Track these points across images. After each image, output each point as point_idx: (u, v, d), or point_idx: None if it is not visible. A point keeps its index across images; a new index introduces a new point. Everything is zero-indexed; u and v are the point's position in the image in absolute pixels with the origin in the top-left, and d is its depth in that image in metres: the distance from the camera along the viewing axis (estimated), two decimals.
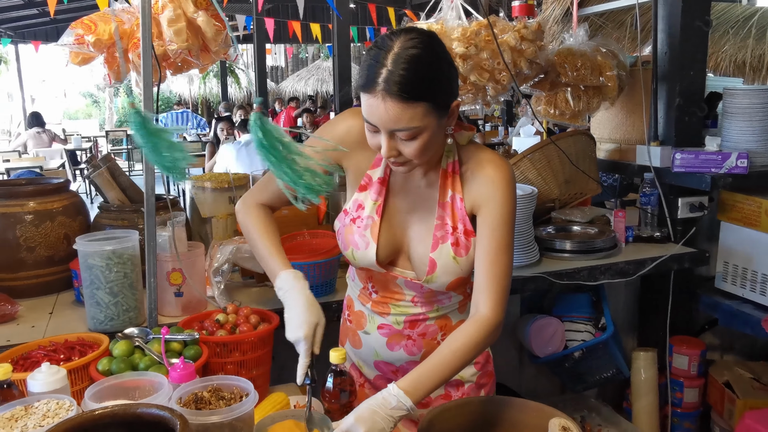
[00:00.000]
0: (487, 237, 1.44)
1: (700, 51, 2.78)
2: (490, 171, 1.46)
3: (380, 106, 1.27)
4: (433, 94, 1.29)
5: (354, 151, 1.52)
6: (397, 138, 1.32)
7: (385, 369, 1.68)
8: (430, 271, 1.49)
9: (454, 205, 1.49)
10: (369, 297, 1.64)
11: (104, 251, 1.78)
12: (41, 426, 1.20)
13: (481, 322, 1.41)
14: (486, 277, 1.43)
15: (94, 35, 2.21)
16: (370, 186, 1.54)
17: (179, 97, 19.93)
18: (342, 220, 1.58)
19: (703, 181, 2.62)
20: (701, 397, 2.81)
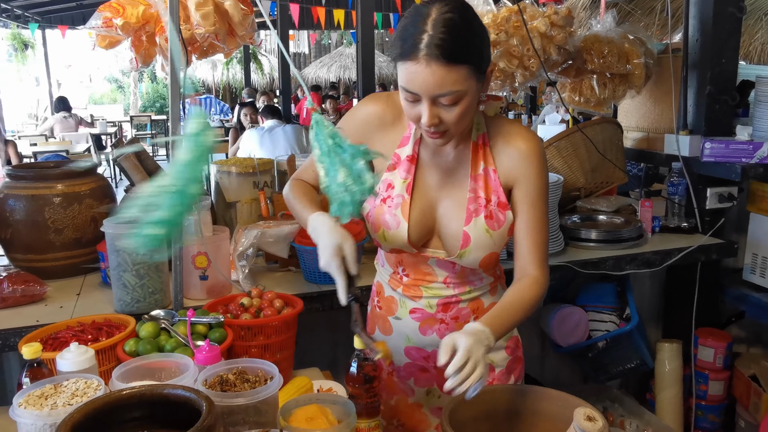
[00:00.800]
0: (527, 211, 1.48)
1: (732, 38, 2.71)
2: (522, 145, 1.48)
3: (424, 71, 1.27)
4: (473, 57, 1.30)
5: (378, 135, 1.53)
6: (439, 104, 1.32)
7: (416, 355, 1.67)
8: (463, 245, 1.48)
9: (488, 177, 1.49)
10: (400, 281, 1.63)
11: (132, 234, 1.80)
12: (70, 404, 1.22)
13: (533, 280, 1.47)
14: (530, 245, 1.48)
15: (123, 18, 2.22)
16: (398, 164, 1.53)
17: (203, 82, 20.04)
18: (371, 202, 1.55)
19: (732, 171, 2.57)
20: (726, 390, 2.78)
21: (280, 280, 2.17)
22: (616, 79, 2.84)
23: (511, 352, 1.71)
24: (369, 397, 1.40)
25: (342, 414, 1.34)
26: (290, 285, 2.10)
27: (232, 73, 19.83)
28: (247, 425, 1.26)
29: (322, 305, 2.05)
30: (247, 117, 6.93)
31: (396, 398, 1.74)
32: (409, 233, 1.50)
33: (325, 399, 1.38)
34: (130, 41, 2.33)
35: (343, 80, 19.87)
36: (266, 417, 1.29)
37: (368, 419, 1.40)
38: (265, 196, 2.32)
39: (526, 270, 1.49)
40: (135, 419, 1.19)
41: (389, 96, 1.55)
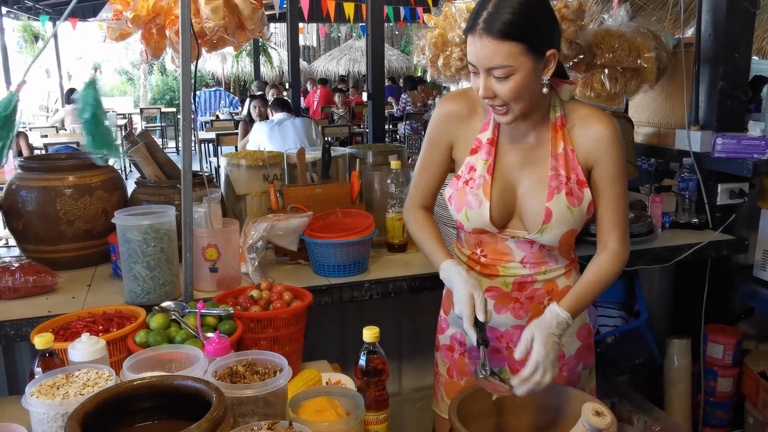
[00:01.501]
0: (608, 189, 1.58)
1: (746, 33, 2.69)
2: (600, 128, 1.56)
3: (477, 43, 1.41)
4: (527, 36, 1.40)
5: (458, 128, 1.66)
6: (493, 78, 1.43)
7: (489, 335, 1.69)
8: (545, 221, 1.55)
9: (567, 156, 1.57)
10: (478, 261, 1.70)
11: (142, 226, 1.81)
12: (81, 394, 1.23)
13: (614, 254, 1.60)
14: (612, 219, 1.59)
15: (133, 11, 2.22)
16: (480, 148, 1.62)
17: (212, 75, 20.07)
18: (454, 185, 1.65)
19: (744, 167, 2.56)
20: (735, 386, 2.77)
21: (290, 272, 2.18)
22: (627, 73, 2.82)
23: (582, 339, 1.76)
24: (377, 389, 1.41)
25: (350, 407, 1.34)
26: (299, 278, 2.11)
27: (241, 66, 19.86)
28: (256, 417, 1.27)
29: (331, 298, 2.06)
30: (257, 110, 6.94)
31: (465, 379, 1.78)
32: (491, 212, 1.59)
33: (334, 392, 1.39)
34: (140, 34, 2.33)
35: (353, 73, 19.85)
36: (275, 409, 1.30)
37: (376, 412, 1.41)
38: (274, 189, 2.33)
39: (608, 244, 1.61)
40: (145, 409, 1.20)
41: (463, 92, 1.69)
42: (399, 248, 2.37)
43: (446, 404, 1.82)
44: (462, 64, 2.38)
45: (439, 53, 2.46)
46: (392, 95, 13.05)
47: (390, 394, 1.45)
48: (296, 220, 2.12)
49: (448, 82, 2.64)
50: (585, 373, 1.79)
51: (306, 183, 2.40)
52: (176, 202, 2.11)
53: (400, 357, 2.52)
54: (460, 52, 2.37)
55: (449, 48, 2.41)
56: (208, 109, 12.64)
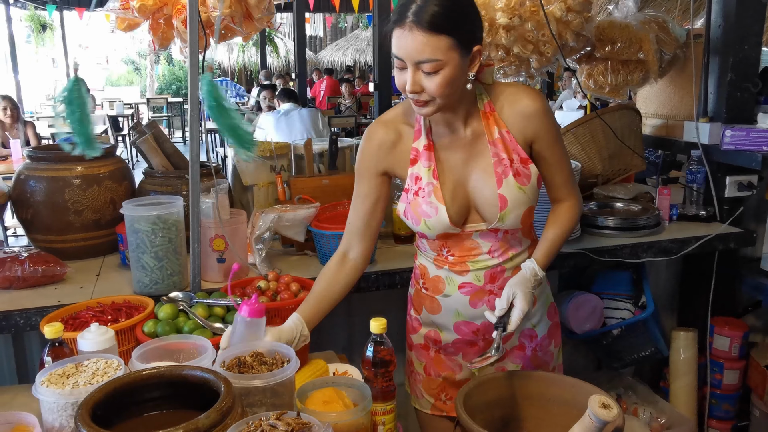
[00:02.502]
0: (550, 155, 1.61)
1: (756, 24, 2.67)
2: (528, 102, 1.57)
3: (407, 36, 1.38)
4: (456, 31, 1.39)
5: (391, 155, 1.64)
6: (421, 72, 1.41)
7: (466, 330, 1.72)
8: (502, 207, 1.56)
9: (504, 139, 1.57)
10: (445, 260, 1.68)
11: (150, 216, 1.82)
12: (91, 383, 1.24)
13: (570, 205, 1.68)
14: (558, 179, 1.66)
15: (139, 1, 2.22)
16: (419, 157, 1.61)
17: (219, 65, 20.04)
18: (405, 200, 1.64)
19: (753, 160, 2.54)
20: (741, 379, 2.77)
21: (297, 263, 2.18)
22: (630, 65, 2.80)
23: (551, 317, 1.79)
24: (384, 380, 1.41)
25: (358, 397, 1.35)
26: (306, 269, 2.12)
27: (248, 56, 19.81)
28: (264, 407, 1.28)
29: None
30: (266, 99, 6.91)
31: (444, 375, 1.79)
32: (449, 214, 1.58)
33: (342, 382, 1.39)
34: (148, 24, 2.34)
35: (359, 64, 19.79)
36: (283, 399, 1.30)
37: (384, 402, 1.41)
38: (281, 180, 2.33)
39: (561, 199, 1.69)
40: (154, 399, 1.21)
41: (382, 120, 1.68)
42: (405, 239, 2.37)
43: (427, 400, 1.84)
44: None
45: None
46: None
47: (397, 384, 1.46)
48: (303, 210, 2.12)
49: None
50: (555, 351, 1.83)
51: (313, 174, 2.40)
52: (184, 193, 2.12)
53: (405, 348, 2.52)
54: None
55: None
56: None
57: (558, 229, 1.66)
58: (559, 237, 1.65)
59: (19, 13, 13.11)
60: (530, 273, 1.58)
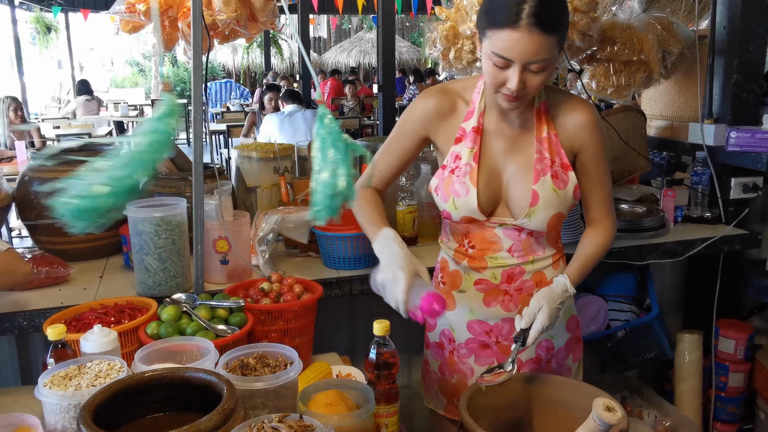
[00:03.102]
0: (594, 171, 1.62)
1: (761, 25, 2.66)
2: (582, 115, 1.59)
3: (524, 39, 1.36)
4: (563, 27, 1.43)
5: (438, 124, 1.65)
6: (528, 71, 1.42)
7: (479, 329, 1.72)
8: (532, 203, 1.57)
9: (551, 140, 1.59)
10: (465, 254, 1.69)
11: (153, 218, 1.82)
12: (94, 385, 1.24)
13: (606, 227, 1.67)
14: (598, 198, 1.66)
15: (146, 3, 2.22)
16: (465, 137, 1.62)
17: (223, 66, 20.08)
18: (440, 176, 1.65)
19: (758, 161, 2.53)
20: (747, 381, 2.75)
21: (300, 265, 2.18)
22: (633, 65, 2.79)
23: (571, 330, 1.76)
24: (387, 383, 1.41)
25: (361, 399, 1.35)
26: (310, 270, 2.11)
27: (252, 58, 19.85)
28: (267, 409, 1.27)
29: (342, 291, 2.06)
30: (272, 102, 6.91)
31: (456, 377, 1.79)
32: (479, 199, 1.59)
33: (345, 385, 1.39)
34: (152, 26, 2.34)
35: (363, 65, 19.81)
36: (286, 401, 1.30)
37: (387, 405, 1.41)
38: (285, 181, 2.33)
39: (596, 220, 1.68)
40: (157, 401, 1.21)
41: (442, 87, 1.68)
42: (409, 241, 2.36)
43: (440, 401, 1.84)
44: (473, 57, 2.37)
45: (451, 46, 2.44)
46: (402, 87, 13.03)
47: (400, 387, 1.45)
48: (307, 212, 2.11)
49: (460, 75, 2.63)
50: (574, 366, 1.80)
51: None
52: (187, 194, 2.12)
53: (409, 350, 2.51)
54: (471, 45, 2.36)
55: (461, 40, 2.39)
56: (218, 100, 12.68)
57: (593, 248, 1.65)
58: (593, 255, 1.64)
59: (24, 15, 13.16)
60: (560, 288, 1.56)
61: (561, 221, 1.63)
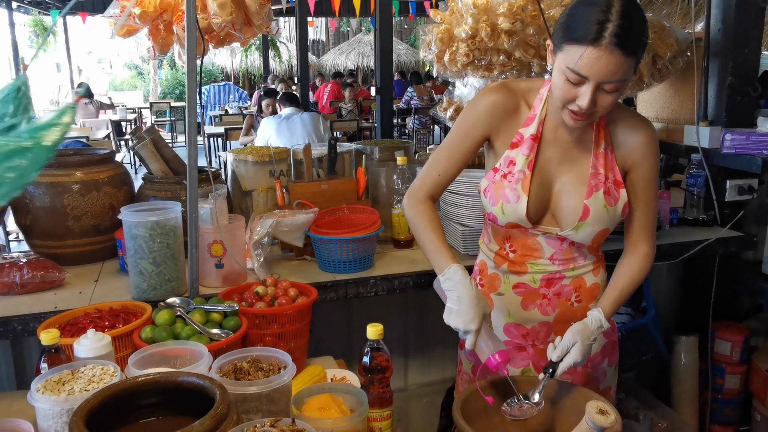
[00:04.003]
0: (643, 190, 1.61)
1: (756, 28, 2.66)
2: (641, 132, 1.58)
3: (605, 58, 1.34)
4: (643, 48, 1.39)
5: (501, 121, 1.62)
6: (601, 90, 1.40)
7: (515, 332, 1.72)
8: (582, 218, 1.56)
9: (606, 155, 1.58)
10: (505, 257, 1.69)
11: (148, 222, 1.82)
12: (87, 390, 1.24)
13: (645, 255, 1.63)
14: (644, 221, 1.63)
15: (140, 7, 2.23)
16: (522, 143, 1.60)
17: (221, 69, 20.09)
18: (491, 178, 1.63)
19: (753, 163, 2.54)
20: (743, 383, 2.76)
21: (295, 268, 2.18)
22: None
23: (608, 335, 1.75)
24: (381, 386, 1.41)
25: (354, 403, 1.35)
26: (305, 274, 2.11)
27: (250, 60, 19.86)
28: (260, 413, 1.28)
29: (337, 294, 2.06)
30: (269, 107, 6.90)
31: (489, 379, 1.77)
32: (528, 207, 1.57)
33: (338, 388, 1.39)
34: (147, 30, 2.34)
35: (362, 68, 19.83)
36: (279, 405, 1.30)
37: (380, 408, 1.41)
38: (281, 185, 2.33)
39: (638, 244, 1.64)
40: (150, 405, 1.21)
41: (506, 85, 1.64)
42: (405, 244, 2.37)
43: None
44: (468, 60, 2.37)
45: (446, 48, 2.45)
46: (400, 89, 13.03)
47: (396, 389, 1.46)
48: (302, 216, 2.12)
49: (454, 78, 2.63)
50: (610, 370, 1.79)
51: (312, 179, 2.40)
52: (183, 198, 2.12)
53: (406, 353, 2.52)
54: (466, 48, 2.36)
55: (455, 43, 2.40)
56: (217, 103, 12.68)
57: (629, 278, 1.62)
58: (629, 286, 1.61)
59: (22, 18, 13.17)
60: (595, 324, 1.52)
61: (606, 236, 1.62)
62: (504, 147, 1.62)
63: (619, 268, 1.64)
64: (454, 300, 1.47)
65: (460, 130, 1.64)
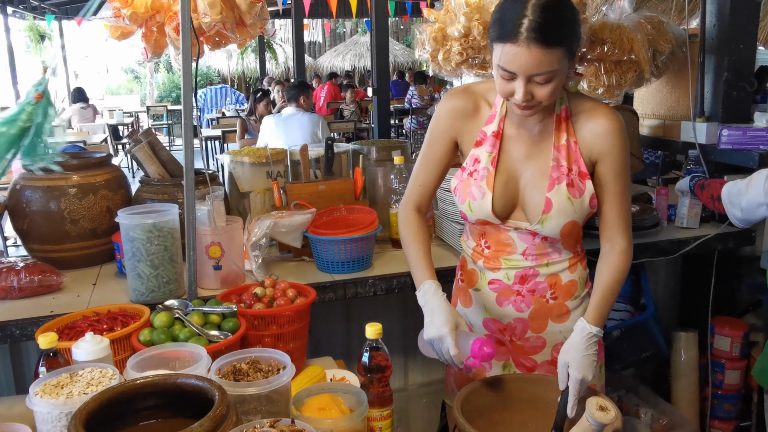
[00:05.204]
0: (612, 183, 1.59)
1: (751, 23, 2.67)
2: (605, 122, 1.56)
3: (524, 53, 1.37)
4: (568, 39, 1.41)
5: (463, 123, 1.66)
6: (533, 82, 1.42)
7: (493, 327, 1.74)
8: (545, 211, 1.56)
9: (569, 147, 1.58)
10: (481, 253, 1.71)
11: (145, 224, 1.81)
12: (85, 393, 1.23)
13: (623, 252, 1.62)
14: (617, 214, 1.61)
15: (130, 8, 2.21)
16: (485, 140, 1.63)
17: (218, 72, 20.08)
18: (459, 177, 1.67)
19: (750, 159, 2.54)
20: (743, 379, 2.76)
21: (294, 269, 2.18)
22: (623, 65, 2.79)
23: None
24: (380, 386, 1.41)
25: (354, 403, 1.34)
26: (303, 275, 2.11)
27: (246, 63, 19.85)
28: (260, 414, 1.27)
29: (336, 295, 2.06)
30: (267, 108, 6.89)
31: (474, 371, 1.78)
32: (494, 203, 1.60)
33: (337, 388, 1.39)
34: (141, 32, 2.33)
35: (358, 69, 19.82)
36: (278, 406, 1.30)
37: (380, 408, 1.40)
38: (278, 186, 2.33)
39: (614, 239, 1.62)
40: (149, 408, 1.21)
41: (466, 88, 1.69)
42: None
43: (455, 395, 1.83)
44: (462, 59, 2.37)
45: (440, 48, 2.44)
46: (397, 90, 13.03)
47: (396, 389, 1.46)
48: (300, 216, 2.12)
49: (449, 77, 2.63)
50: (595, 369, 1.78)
51: (309, 179, 2.40)
52: (180, 201, 2.11)
53: (405, 353, 2.51)
54: (459, 47, 2.36)
55: (449, 42, 2.40)
56: (214, 106, 12.66)
57: (610, 279, 1.60)
58: (611, 288, 1.60)
59: (17, 24, 13.15)
60: (581, 336, 1.52)
61: (576, 229, 1.62)
62: (470, 146, 1.66)
63: (600, 268, 1.63)
64: (428, 313, 1.56)
65: (429, 139, 1.71)
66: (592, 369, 1.49)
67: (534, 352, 1.72)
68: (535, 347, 1.72)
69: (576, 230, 1.63)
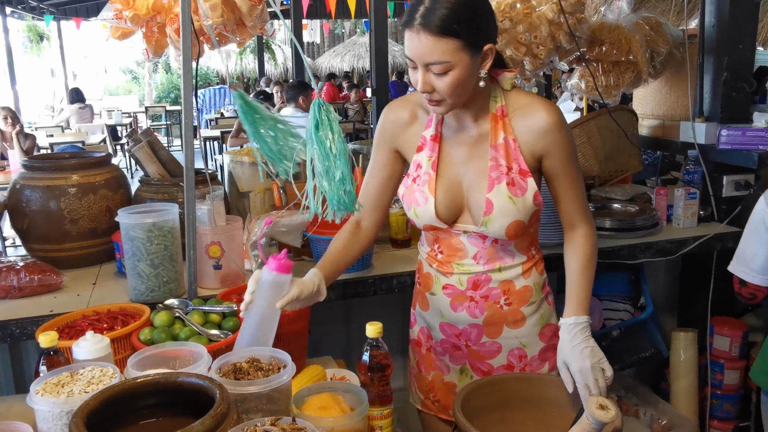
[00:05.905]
0: (563, 174, 1.57)
1: (750, 23, 2.68)
2: (543, 115, 1.53)
3: (415, 39, 1.39)
4: (464, 32, 1.38)
5: (401, 134, 1.67)
6: (431, 73, 1.42)
7: (449, 332, 1.73)
8: (486, 212, 1.55)
9: (507, 146, 1.56)
10: (435, 258, 1.70)
11: (145, 224, 1.81)
12: (86, 392, 1.23)
13: (584, 236, 1.62)
14: (573, 203, 1.60)
15: (132, 9, 2.22)
16: (425, 145, 1.63)
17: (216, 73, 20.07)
18: (405, 183, 1.67)
19: (749, 159, 2.54)
20: (742, 379, 2.76)
21: (294, 269, 2.17)
22: (621, 66, 2.80)
23: (546, 340, 1.73)
24: (381, 385, 1.40)
25: (354, 402, 1.34)
26: (303, 274, 2.10)
27: (245, 64, 19.85)
28: (260, 413, 1.27)
29: (335, 294, 2.05)
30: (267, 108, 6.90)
31: (433, 374, 1.80)
32: (437, 208, 1.59)
33: (338, 387, 1.39)
34: (141, 33, 2.33)
35: (357, 70, 19.83)
36: (279, 405, 1.30)
37: (381, 407, 1.40)
38: (278, 186, 2.33)
39: (575, 226, 1.62)
40: (149, 407, 1.20)
41: (403, 98, 1.71)
42: (402, 243, 2.37)
43: (418, 396, 1.86)
44: None
45: None
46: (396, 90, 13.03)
47: (397, 388, 1.45)
48: (299, 216, 2.12)
49: None
50: (553, 375, 1.74)
51: None
52: (180, 200, 2.12)
53: (405, 353, 2.51)
54: None
55: None
56: (213, 106, 12.67)
57: (580, 266, 1.60)
58: (582, 276, 1.60)
59: (16, 24, 13.15)
60: (565, 332, 1.53)
61: (521, 228, 1.58)
62: (411, 154, 1.66)
63: (566, 257, 1.64)
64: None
65: (373, 149, 1.72)
66: (589, 355, 1.48)
67: (490, 357, 1.70)
68: (491, 352, 1.70)
69: (524, 230, 1.59)
